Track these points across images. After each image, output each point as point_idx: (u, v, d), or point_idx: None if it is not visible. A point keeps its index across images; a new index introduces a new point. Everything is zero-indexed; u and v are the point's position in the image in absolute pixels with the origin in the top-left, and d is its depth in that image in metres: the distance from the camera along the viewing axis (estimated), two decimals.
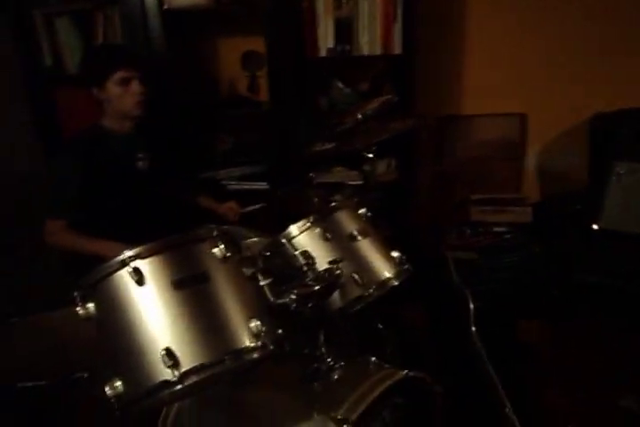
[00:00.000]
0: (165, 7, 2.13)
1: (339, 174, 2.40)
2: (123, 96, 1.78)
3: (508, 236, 2.57)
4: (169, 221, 1.98)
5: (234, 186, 2.44)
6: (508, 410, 1.53)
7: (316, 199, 1.92)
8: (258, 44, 2.29)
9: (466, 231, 2.61)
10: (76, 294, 1.09)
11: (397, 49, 2.26)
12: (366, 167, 2.45)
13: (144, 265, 1.05)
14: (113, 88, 1.78)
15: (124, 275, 1.04)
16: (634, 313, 2.12)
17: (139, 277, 1.03)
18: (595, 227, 2.43)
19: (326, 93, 2.51)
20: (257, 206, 2.00)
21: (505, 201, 2.70)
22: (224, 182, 2.44)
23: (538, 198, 2.80)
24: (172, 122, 2.24)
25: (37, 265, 2.29)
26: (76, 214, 1.81)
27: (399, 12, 2.20)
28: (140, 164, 1.92)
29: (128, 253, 1.05)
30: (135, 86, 1.78)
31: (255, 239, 1.93)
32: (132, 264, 1.03)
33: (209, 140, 2.48)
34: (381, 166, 2.47)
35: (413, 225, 2.58)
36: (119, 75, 1.76)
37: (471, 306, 2.10)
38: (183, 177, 2.22)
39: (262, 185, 2.42)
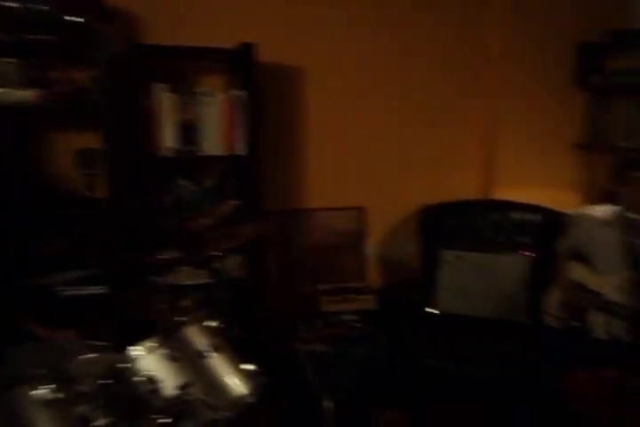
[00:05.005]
0: None
1: (186, 275, 2.30)
2: None
3: (358, 325, 2.65)
4: None
5: (68, 291, 2.21)
6: None
7: (162, 306, 1.79)
8: (93, 141, 2.19)
9: (316, 323, 2.64)
10: None
11: (241, 150, 2.34)
12: (215, 265, 2.41)
13: None
14: None
15: None
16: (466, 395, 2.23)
17: None
18: (430, 311, 2.63)
19: (171, 191, 2.46)
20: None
21: (351, 290, 2.82)
22: (57, 289, 2.20)
23: (382, 286, 2.96)
24: None
25: None
26: None
27: (242, 117, 2.30)
28: None
29: None
30: None
31: (93, 356, 1.73)
32: None
33: (37, 244, 2.25)
34: (230, 263, 2.43)
35: (266, 321, 2.53)
36: None
37: (326, 405, 2.07)
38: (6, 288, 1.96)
39: (99, 289, 2.23)
